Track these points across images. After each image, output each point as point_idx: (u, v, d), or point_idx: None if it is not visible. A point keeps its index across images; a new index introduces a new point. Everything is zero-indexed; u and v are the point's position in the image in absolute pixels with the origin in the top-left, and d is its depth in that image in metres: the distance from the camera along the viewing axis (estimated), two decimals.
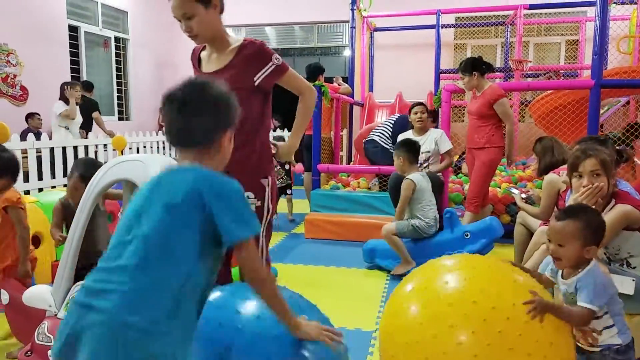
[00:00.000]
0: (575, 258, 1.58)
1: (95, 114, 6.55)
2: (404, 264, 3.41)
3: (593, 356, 1.57)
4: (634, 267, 2.01)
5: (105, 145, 6.23)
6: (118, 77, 8.94)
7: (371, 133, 5.32)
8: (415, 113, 4.37)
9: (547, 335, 1.43)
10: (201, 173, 1.18)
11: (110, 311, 1.03)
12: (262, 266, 1.19)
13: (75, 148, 5.54)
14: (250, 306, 1.36)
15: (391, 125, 5.15)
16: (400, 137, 4.56)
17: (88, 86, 6.73)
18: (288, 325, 1.25)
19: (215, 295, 1.41)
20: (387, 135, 5.08)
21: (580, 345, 1.61)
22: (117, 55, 8.88)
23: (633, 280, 1.91)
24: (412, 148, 3.69)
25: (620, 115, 5.98)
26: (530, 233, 3.17)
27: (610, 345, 1.54)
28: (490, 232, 3.36)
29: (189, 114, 1.24)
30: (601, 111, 4.64)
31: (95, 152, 6.20)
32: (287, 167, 5.35)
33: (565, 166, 2.54)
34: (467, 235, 3.38)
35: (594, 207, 1.87)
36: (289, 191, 5.34)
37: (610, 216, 1.97)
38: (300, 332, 1.26)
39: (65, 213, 2.42)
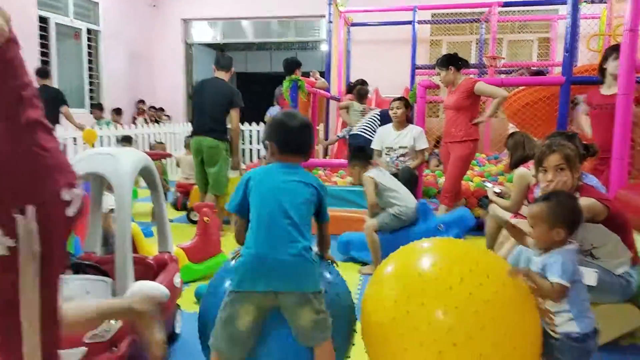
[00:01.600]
0: (544, 240, 1.64)
1: (64, 109, 6.21)
2: (373, 266, 3.42)
3: (554, 342, 1.60)
4: (598, 258, 2.07)
5: (75, 139, 6.09)
6: (90, 69, 8.73)
7: (355, 128, 5.39)
8: (391, 108, 4.41)
9: (515, 314, 1.50)
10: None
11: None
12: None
13: None
14: None
15: (378, 119, 5.21)
16: (380, 131, 4.60)
17: (43, 73, 6.19)
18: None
19: None
20: (373, 129, 5.14)
21: (547, 331, 1.64)
22: (89, 47, 8.67)
23: (595, 271, 1.97)
24: (361, 154, 3.66)
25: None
26: (501, 226, 3.23)
27: (569, 332, 1.57)
28: (463, 222, 3.42)
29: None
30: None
31: (65, 146, 6.05)
32: None
33: None
34: (440, 227, 3.42)
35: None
36: None
37: None
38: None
39: None
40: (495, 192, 3.31)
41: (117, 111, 8.30)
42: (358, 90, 6.18)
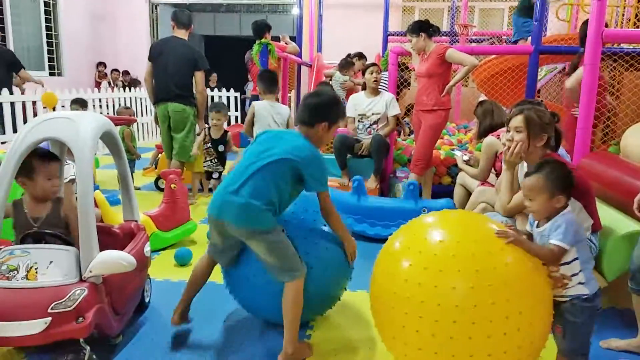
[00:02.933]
0: (546, 209, 1.67)
1: (22, 73, 5.80)
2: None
3: (564, 306, 1.66)
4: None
5: (34, 103, 5.81)
6: (48, 28, 8.27)
7: None
8: (371, 73, 4.35)
9: (529, 285, 1.54)
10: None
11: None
12: (332, 209, 1.99)
13: (0, 105, 5.13)
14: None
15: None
16: (351, 98, 4.56)
17: None
18: (343, 237, 2.07)
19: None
20: None
21: (554, 295, 1.68)
22: (47, 5, 8.18)
23: None
24: (267, 78, 4.09)
25: (557, 81, 6.24)
26: (469, 193, 3.30)
27: (579, 295, 1.64)
28: None
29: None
30: (538, 77, 4.82)
31: (24, 110, 5.77)
32: (221, 148, 4.59)
33: (503, 129, 2.63)
34: (424, 211, 3.45)
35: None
36: (215, 175, 4.65)
37: None
38: (347, 243, 2.08)
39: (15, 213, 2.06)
40: (464, 160, 3.36)
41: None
42: (341, 60, 6.09)
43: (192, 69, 4.37)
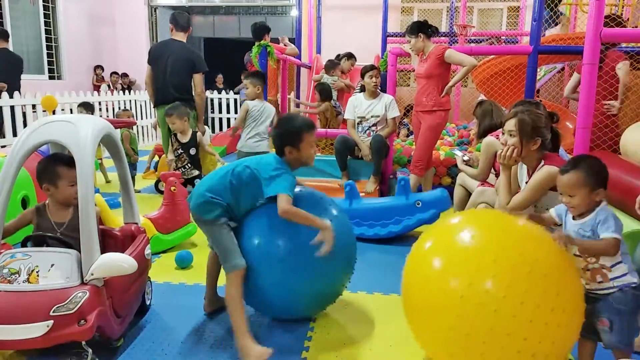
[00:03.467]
0: (587, 203, 1.70)
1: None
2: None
3: (613, 296, 1.67)
4: (560, 225, 2.14)
5: (34, 106, 5.82)
6: (47, 32, 8.28)
7: None
8: (371, 77, 4.36)
9: (553, 286, 1.54)
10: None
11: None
12: (287, 209, 1.96)
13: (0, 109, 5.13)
14: None
15: None
16: (351, 100, 4.56)
17: (1, 34, 5.84)
18: (318, 227, 1.99)
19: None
20: None
21: (589, 290, 1.71)
22: (46, 8, 8.20)
23: None
24: (259, 75, 4.28)
25: (556, 81, 6.25)
26: (469, 193, 3.30)
27: (629, 283, 1.66)
28: (440, 203, 3.42)
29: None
30: (537, 77, 4.82)
31: (24, 113, 5.78)
32: (192, 151, 4.34)
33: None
34: (418, 204, 3.44)
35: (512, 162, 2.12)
36: (197, 181, 4.22)
37: (537, 176, 2.08)
38: (323, 232, 1.98)
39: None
40: (463, 160, 3.36)
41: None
42: (326, 62, 6.12)
43: (191, 71, 4.37)
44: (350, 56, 6.53)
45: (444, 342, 1.62)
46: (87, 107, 5.04)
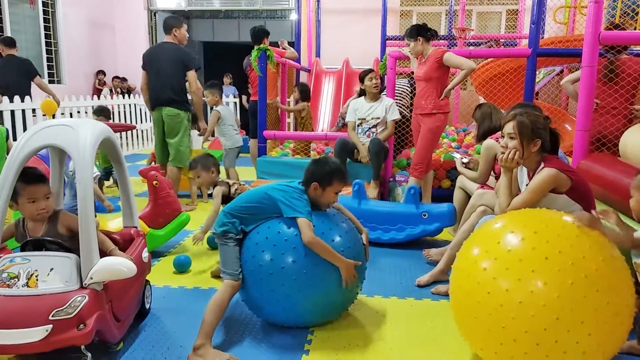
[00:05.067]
0: None
1: (37, 80, 5.85)
2: None
3: None
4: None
5: (33, 110, 5.83)
6: (47, 36, 8.30)
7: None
8: (371, 79, 4.37)
9: (610, 281, 1.58)
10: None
11: None
12: (313, 240, 2.05)
13: (0, 113, 5.14)
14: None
15: (409, 90, 5.16)
16: (352, 103, 4.56)
17: (8, 42, 5.86)
18: (336, 263, 2.10)
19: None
20: (408, 101, 5.06)
21: None
22: (45, 13, 8.22)
23: None
24: (215, 85, 4.86)
25: (554, 83, 6.27)
26: (468, 196, 3.29)
27: None
28: (446, 219, 3.40)
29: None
30: (537, 79, 4.83)
31: (23, 118, 5.79)
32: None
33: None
34: (424, 215, 3.43)
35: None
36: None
37: (537, 178, 2.08)
38: (342, 268, 2.10)
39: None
40: (463, 163, 3.36)
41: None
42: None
43: (183, 69, 4.39)
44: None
45: (502, 347, 1.64)
46: (104, 114, 5.19)
